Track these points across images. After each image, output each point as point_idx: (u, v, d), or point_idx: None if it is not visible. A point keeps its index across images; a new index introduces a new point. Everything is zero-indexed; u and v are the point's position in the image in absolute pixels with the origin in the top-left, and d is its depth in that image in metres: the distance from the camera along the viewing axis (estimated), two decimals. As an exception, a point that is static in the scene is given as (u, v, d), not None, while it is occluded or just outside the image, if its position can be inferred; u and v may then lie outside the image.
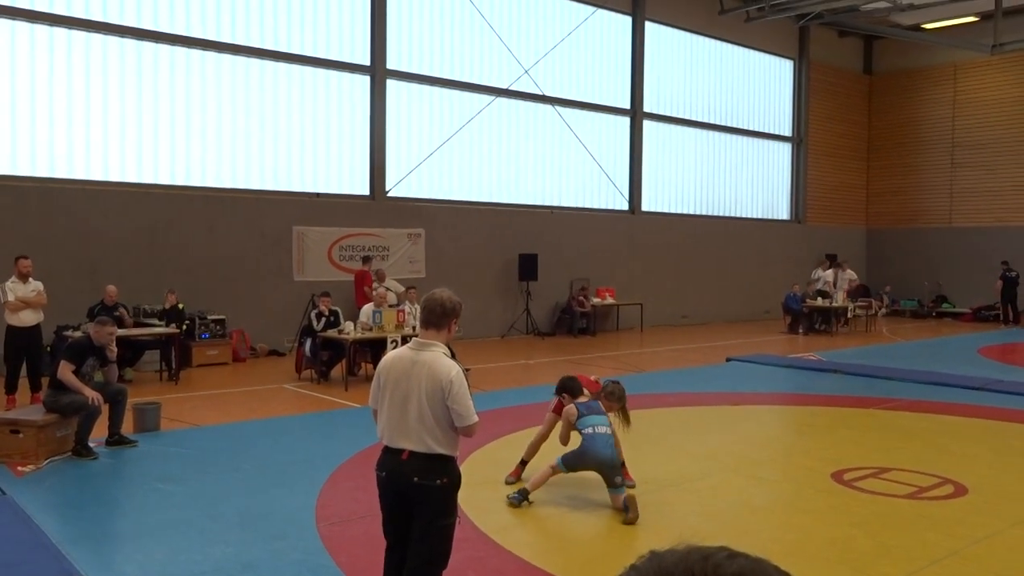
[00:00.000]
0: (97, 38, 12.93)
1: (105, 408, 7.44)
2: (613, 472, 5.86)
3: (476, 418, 3.72)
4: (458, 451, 3.80)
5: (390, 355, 3.93)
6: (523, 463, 6.58)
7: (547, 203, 18.62)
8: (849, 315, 19.84)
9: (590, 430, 5.95)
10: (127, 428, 7.85)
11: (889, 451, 7.77)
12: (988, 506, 6.12)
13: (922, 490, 6.48)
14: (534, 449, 6.60)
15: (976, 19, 22.50)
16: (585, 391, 6.36)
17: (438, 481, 3.68)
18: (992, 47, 20.97)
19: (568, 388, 6.32)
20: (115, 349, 7.74)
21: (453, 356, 12.21)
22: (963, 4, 21.08)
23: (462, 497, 6.04)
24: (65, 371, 7.23)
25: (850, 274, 21.02)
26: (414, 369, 3.70)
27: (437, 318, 3.80)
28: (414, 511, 3.70)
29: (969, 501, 6.24)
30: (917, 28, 23.80)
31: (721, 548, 0.79)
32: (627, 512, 5.60)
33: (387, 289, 13.97)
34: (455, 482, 3.77)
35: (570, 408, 6.11)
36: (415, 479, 3.66)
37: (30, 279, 9.77)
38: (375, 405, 3.88)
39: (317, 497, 6.17)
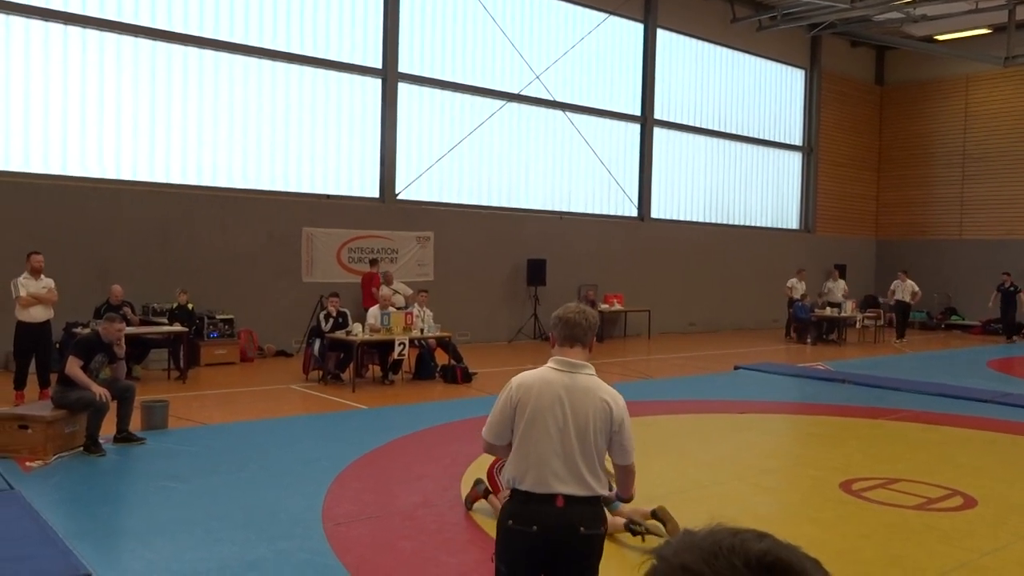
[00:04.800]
0: (112, 37, 13.00)
1: (113, 405, 7.46)
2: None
3: None
4: None
5: (531, 378, 3.19)
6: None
7: (556, 208, 18.62)
8: (858, 325, 19.76)
9: None
10: (134, 426, 7.87)
11: (898, 462, 7.73)
12: (997, 518, 6.08)
13: (931, 501, 6.44)
14: None
15: (989, 31, 22.45)
16: None
17: (602, 528, 3.14)
18: (1005, 59, 20.94)
19: None
20: (123, 346, 7.76)
21: (459, 360, 12.08)
22: (976, 16, 21.05)
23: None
24: (73, 367, 7.26)
25: (910, 284, 19.67)
26: (572, 396, 3.11)
27: (583, 333, 3.20)
28: (566, 566, 3.11)
29: (978, 513, 6.20)
30: (929, 40, 23.76)
31: (751, 529, 0.80)
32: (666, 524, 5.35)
33: (395, 291, 13.98)
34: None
35: None
36: (581, 529, 3.04)
37: (42, 275, 9.81)
38: (499, 439, 3.20)
39: (324, 497, 6.17)
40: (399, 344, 11.42)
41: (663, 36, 20.26)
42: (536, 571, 3.13)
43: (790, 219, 24.26)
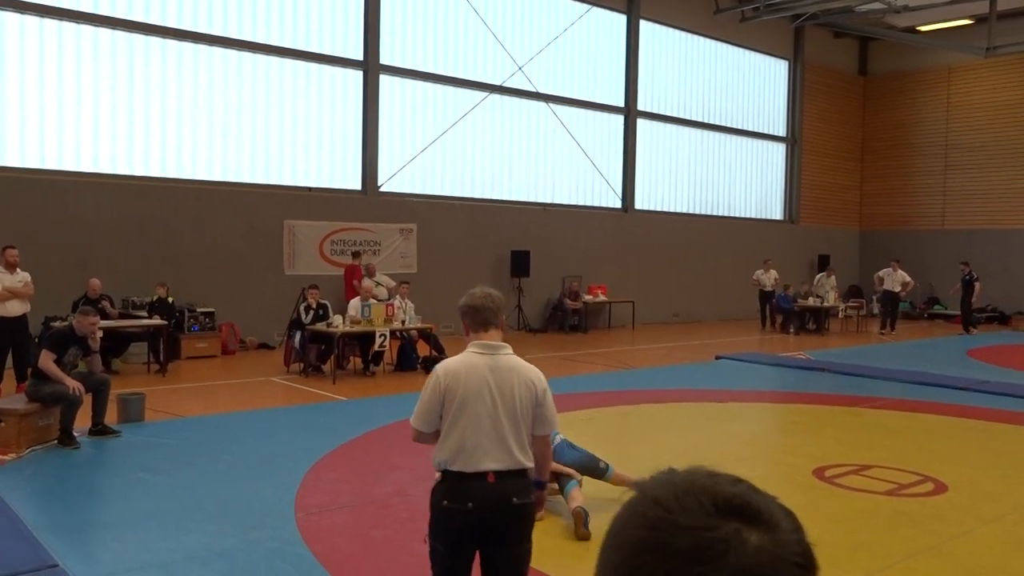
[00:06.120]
0: (88, 30, 12.90)
1: (88, 398, 7.43)
2: (595, 465, 5.91)
3: None
4: None
5: (456, 364, 3.32)
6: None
7: (540, 200, 18.62)
8: (840, 315, 19.84)
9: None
10: (111, 419, 7.85)
11: (872, 449, 7.79)
12: (966, 504, 6.14)
13: (902, 487, 6.50)
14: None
15: (971, 22, 22.55)
16: None
17: (532, 497, 3.31)
18: (986, 50, 21.03)
19: None
20: (98, 339, 7.73)
21: (441, 352, 12.07)
22: (958, 7, 21.13)
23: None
24: (46, 360, 7.23)
25: (902, 275, 19.27)
26: (497, 376, 3.26)
27: (493, 315, 3.36)
28: (499, 540, 3.23)
29: (948, 499, 6.26)
30: (912, 30, 23.85)
31: (730, 474, 0.82)
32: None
33: (377, 283, 13.98)
34: None
35: None
36: (514, 500, 3.20)
37: (17, 269, 9.76)
38: (429, 427, 3.30)
39: (298, 488, 6.17)
40: (380, 336, 11.42)
41: (646, 27, 20.26)
42: (472, 547, 3.25)
43: (774, 210, 24.34)
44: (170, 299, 12.49)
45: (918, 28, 23.73)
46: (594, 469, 5.90)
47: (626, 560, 0.76)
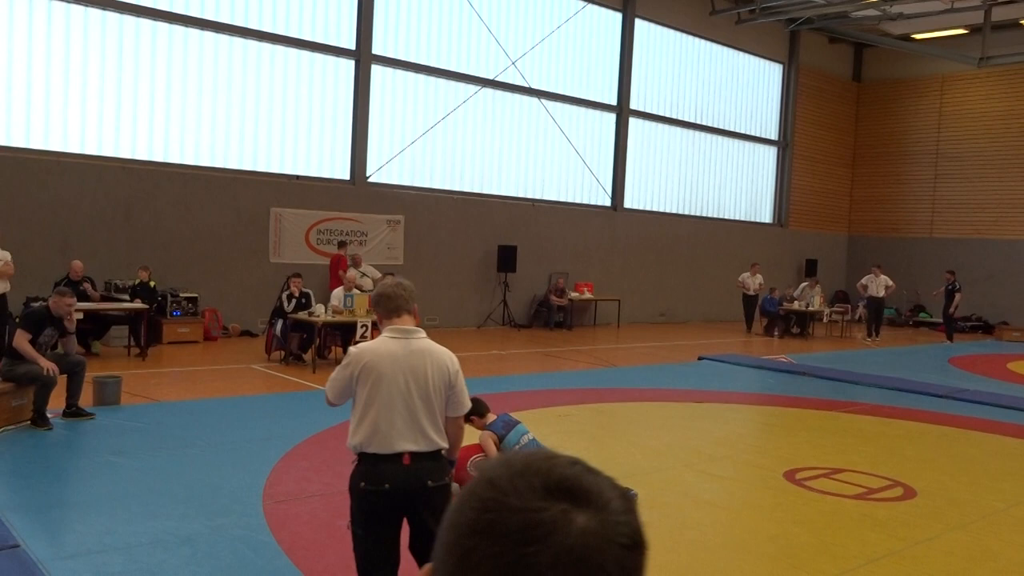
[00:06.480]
0: (78, 9, 12.82)
1: (62, 379, 7.40)
2: None
3: None
4: None
5: (371, 347, 3.41)
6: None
7: (529, 196, 18.61)
8: (825, 320, 19.91)
9: (517, 448, 5.96)
10: (87, 401, 7.82)
11: (845, 453, 7.82)
12: (934, 510, 6.18)
13: (871, 491, 6.53)
14: None
15: (965, 32, 22.63)
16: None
17: (447, 478, 3.37)
18: (980, 60, 21.10)
19: (475, 411, 5.62)
20: (74, 320, 7.69)
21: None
22: (952, 16, 21.19)
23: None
24: (21, 340, 7.19)
25: (884, 279, 19.13)
26: (411, 360, 3.33)
27: (405, 302, 3.44)
28: (418, 519, 3.32)
29: (916, 504, 6.29)
30: (907, 38, 23.91)
31: (570, 456, 0.83)
32: None
33: (363, 274, 13.95)
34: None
35: (488, 435, 5.76)
36: (429, 482, 3.26)
37: (-2, 248, 9.71)
38: (340, 399, 3.48)
39: (268, 475, 6.16)
40: (361, 326, 11.39)
41: (641, 26, 20.25)
42: (390, 529, 3.29)
43: (763, 213, 24.38)
44: (152, 283, 12.44)
45: (913, 36, 23.79)
46: None
47: (459, 541, 0.77)
